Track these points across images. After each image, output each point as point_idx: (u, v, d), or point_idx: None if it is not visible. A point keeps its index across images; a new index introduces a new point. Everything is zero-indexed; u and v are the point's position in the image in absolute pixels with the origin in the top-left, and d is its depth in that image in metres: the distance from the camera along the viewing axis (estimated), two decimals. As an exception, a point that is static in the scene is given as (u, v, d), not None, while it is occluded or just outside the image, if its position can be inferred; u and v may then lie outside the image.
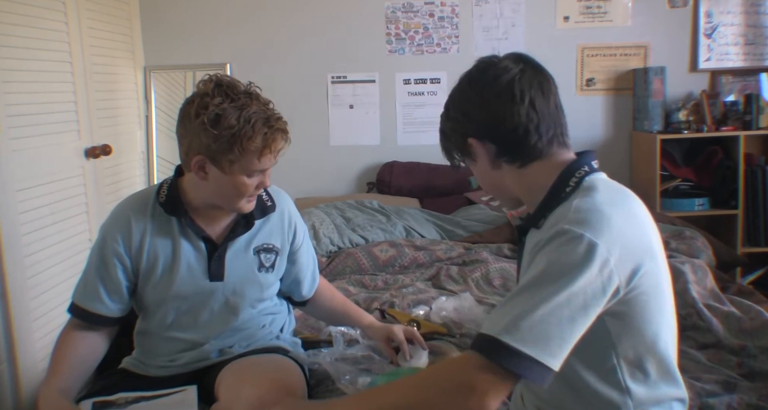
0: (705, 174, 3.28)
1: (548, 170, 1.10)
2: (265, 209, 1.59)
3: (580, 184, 1.07)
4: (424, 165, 3.44)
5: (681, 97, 3.40)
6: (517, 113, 1.09)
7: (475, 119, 1.12)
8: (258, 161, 1.39)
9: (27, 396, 2.11)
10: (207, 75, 1.43)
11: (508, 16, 3.45)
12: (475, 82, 1.14)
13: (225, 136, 1.35)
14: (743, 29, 3.39)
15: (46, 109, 2.36)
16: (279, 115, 1.43)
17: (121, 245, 1.50)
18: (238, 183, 1.42)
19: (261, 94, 1.44)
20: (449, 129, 1.18)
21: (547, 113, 1.10)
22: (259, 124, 1.36)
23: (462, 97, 1.15)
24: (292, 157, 3.51)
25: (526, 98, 1.09)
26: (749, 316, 1.90)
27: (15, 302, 2.05)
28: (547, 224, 1.05)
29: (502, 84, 1.10)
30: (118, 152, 2.88)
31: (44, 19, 2.37)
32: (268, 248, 1.58)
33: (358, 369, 1.62)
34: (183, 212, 1.50)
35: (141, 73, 3.35)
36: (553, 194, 1.08)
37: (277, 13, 3.47)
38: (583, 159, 1.11)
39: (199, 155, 1.40)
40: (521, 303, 0.95)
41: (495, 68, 1.13)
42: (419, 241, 2.81)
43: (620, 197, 1.07)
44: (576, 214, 0.99)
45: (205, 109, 1.36)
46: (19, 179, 2.13)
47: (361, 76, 3.52)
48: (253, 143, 1.36)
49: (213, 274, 1.53)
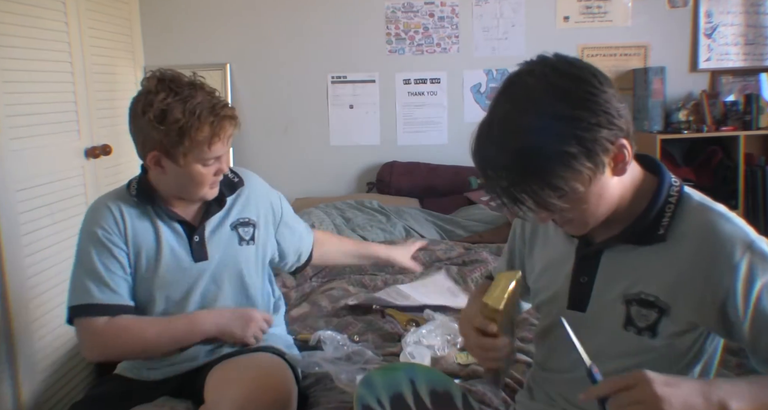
0: (705, 174, 3.28)
1: (637, 181, 1.06)
2: (233, 185, 1.61)
3: (684, 195, 1.05)
4: (424, 165, 3.44)
5: (681, 97, 3.40)
6: (626, 112, 1.00)
7: (616, 118, 0.96)
8: (209, 149, 1.42)
9: (27, 396, 2.11)
10: (150, 71, 1.46)
11: (508, 16, 3.45)
12: (601, 78, 0.99)
13: (173, 130, 1.38)
14: (743, 29, 3.39)
15: (46, 109, 2.36)
16: (225, 102, 1.44)
17: (112, 232, 1.49)
18: (195, 173, 1.44)
19: (206, 83, 1.46)
20: (595, 134, 0.94)
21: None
22: (205, 113, 1.39)
23: (592, 97, 0.96)
24: (292, 157, 3.57)
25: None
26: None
27: (15, 303, 2.05)
28: (708, 246, 1.00)
29: (607, 81, 0.99)
30: (118, 152, 2.88)
31: (44, 19, 2.37)
32: (245, 222, 1.60)
33: (355, 368, 1.62)
34: (157, 200, 1.53)
35: (141, 73, 3.35)
36: (658, 211, 1.04)
37: (277, 13, 3.47)
38: (664, 167, 1.09)
39: (153, 151, 1.43)
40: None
41: (590, 67, 1.02)
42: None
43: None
44: (740, 223, 1.02)
45: (150, 106, 1.39)
46: (19, 179, 2.13)
47: (361, 76, 3.52)
48: (201, 133, 1.39)
49: (196, 256, 1.54)
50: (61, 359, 2.33)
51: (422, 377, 1.35)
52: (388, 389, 1.30)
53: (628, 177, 1.03)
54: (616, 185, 1.02)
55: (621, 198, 1.04)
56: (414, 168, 3.43)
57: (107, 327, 1.46)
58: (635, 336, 1.04)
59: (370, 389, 1.30)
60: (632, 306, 1.05)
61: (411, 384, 1.32)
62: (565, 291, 1.14)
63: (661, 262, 1.03)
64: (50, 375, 2.25)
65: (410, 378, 1.34)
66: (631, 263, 1.06)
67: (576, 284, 1.13)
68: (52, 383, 2.25)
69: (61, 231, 2.36)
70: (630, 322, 1.05)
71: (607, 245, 1.08)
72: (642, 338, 1.04)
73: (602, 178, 0.98)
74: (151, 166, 1.46)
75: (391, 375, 1.34)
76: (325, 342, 1.73)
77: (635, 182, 1.05)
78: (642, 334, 1.04)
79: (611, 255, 1.09)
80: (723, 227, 1.00)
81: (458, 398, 1.33)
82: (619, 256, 1.07)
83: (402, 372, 1.36)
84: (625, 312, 1.05)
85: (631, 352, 1.05)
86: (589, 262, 1.11)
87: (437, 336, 1.79)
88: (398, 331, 1.98)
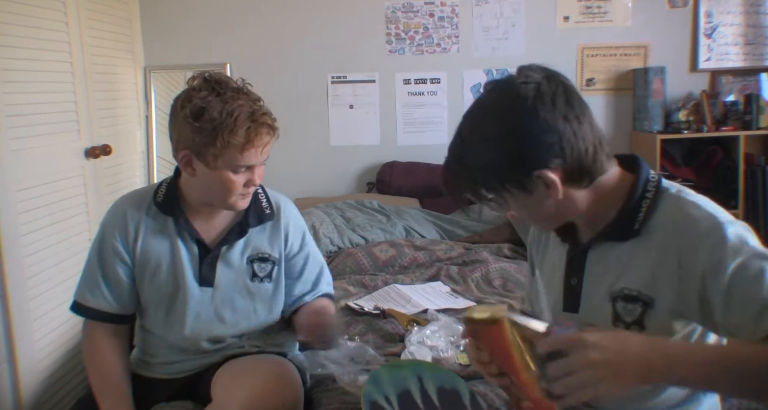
0: (705, 174, 3.28)
1: (612, 183, 1.07)
2: (263, 217, 1.55)
3: (662, 189, 1.06)
4: (424, 165, 3.44)
5: (681, 97, 3.40)
6: (585, 134, 1.02)
7: (543, 148, 1.00)
8: (241, 155, 1.36)
9: (27, 395, 2.11)
10: (198, 71, 1.41)
11: (508, 16, 3.45)
12: (532, 108, 1.00)
13: (207, 128, 1.33)
14: (743, 29, 3.39)
15: (46, 109, 2.35)
16: (266, 111, 1.39)
17: (119, 241, 1.49)
18: (224, 179, 1.39)
19: (252, 91, 1.41)
20: (497, 164, 1.02)
21: (596, 124, 1.06)
22: (243, 117, 1.34)
23: (519, 126, 1.00)
24: (292, 157, 3.56)
25: (586, 114, 1.03)
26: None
27: (15, 302, 2.05)
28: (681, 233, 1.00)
29: (562, 106, 1.00)
30: (118, 152, 2.88)
31: (44, 19, 2.37)
32: (263, 258, 1.54)
33: (358, 369, 1.62)
34: (179, 212, 1.49)
35: (141, 73, 3.35)
36: (633, 206, 1.05)
37: (277, 13, 3.47)
38: (645, 165, 1.10)
39: (185, 149, 1.38)
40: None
41: (543, 89, 1.01)
42: (419, 241, 2.82)
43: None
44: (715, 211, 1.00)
45: (189, 102, 1.35)
46: (19, 179, 2.13)
47: (361, 76, 3.52)
48: (235, 137, 1.33)
49: (203, 279, 1.50)
50: (61, 359, 2.33)
51: (430, 374, 1.36)
52: (396, 386, 1.31)
53: (607, 181, 1.06)
54: (570, 196, 1.05)
55: (594, 202, 1.07)
56: (414, 168, 3.43)
57: (87, 340, 1.53)
58: (625, 330, 1.05)
59: (377, 386, 1.30)
60: (618, 303, 1.06)
61: (419, 381, 1.33)
62: (561, 294, 1.16)
63: (639, 256, 1.04)
64: (50, 375, 2.25)
65: (418, 375, 1.35)
66: (613, 261, 1.08)
67: (568, 287, 1.14)
68: (52, 383, 2.25)
69: (61, 231, 2.36)
70: (618, 318, 1.06)
71: (590, 245, 1.10)
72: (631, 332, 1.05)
73: (530, 197, 1.04)
74: (181, 165, 1.42)
75: (399, 372, 1.35)
76: None
77: (611, 184, 1.07)
78: (631, 329, 1.04)
79: (596, 255, 1.10)
80: (692, 212, 1.01)
81: (466, 396, 1.33)
82: (602, 255, 1.09)
83: (410, 370, 1.37)
84: (612, 309, 1.07)
85: None
86: (578, 263, 1.13)
87: (440, 338, 1.78)
88: (399, 331, 1.98)
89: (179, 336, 1.53)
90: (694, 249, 0.98)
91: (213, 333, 1.53)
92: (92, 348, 1.52)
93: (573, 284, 1.13)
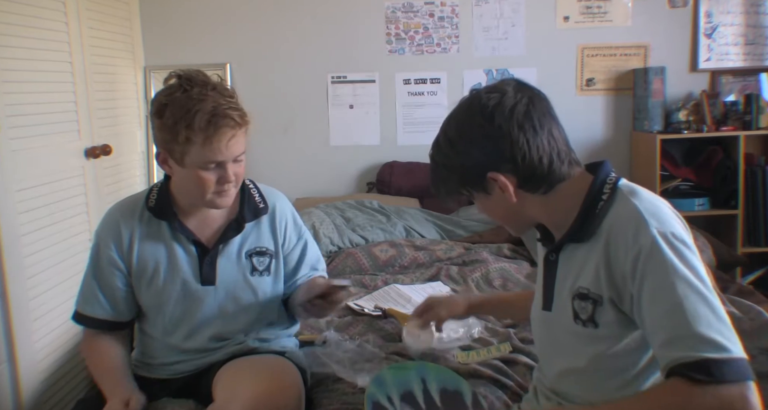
0: (705, 174, 3.28)
1: (573, 189, 1.10)
2: (257, 212, 1.56)
3: (617, 189, 1.08)
4: (424, 165, 3.44)
5: (681, 98, 3.40)
6: (540, 144, 1.08)
7: (495, 153, 1.08)
8: (203, 150, 1.35)
9: (27, 395, 2.11)
10: (175, 71, 1.42)
11: (508, 16, 3.45)
12: (489, 115, 1.08)
13: (168, 125, 1.34)
14: (743, 29, 3.39)
15: (46, 109, 2.36)
16: (234, 105, 1.37)
17: (114, 250, 1.50)
18: (195, 177, 1.39)
19: (227, 88, 1.40)
20: (459, 164, 1.12)
21: (560, 136, 1.11)
22: (202, 113, 1.32)
23: (475, 131, 1.09)
24: (292, 157, 3.56)
25: (545, 127, 1.09)
26: (749, 316, 1.90)
27: (15, 302, 2.05)
28: (615, 235, 1.03)
29: (520, 116, 1.07)
30: (118, 152, 2.88)
31: (44, 19, 2.37)
32: (261, 252, 1.56)
33: (359, 368, 1.62)
34: (172, 215, 1.50)
35: (141, 73, 3.35)
36: (589, 208, 1.08)
37: (277, 13, 3.47)
38: (606, 167, 1.12)
39: (159, 148, 1.41)
40: (690, 314, 0.94)
41: (505, 99, 1.08)
42: (419, 241, 2.81)
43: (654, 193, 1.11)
44: (652, 217, 1.01)
45: (155, 99, 1.38)
46: (19, 179, 2.13)
47: (361, 76, 3.52)
48: (193, 132, 1.33)
49: (205, 278, 1.51)
50: (61, 359, 2.33)
51: (433, 376, 1.37)
52: (399, 387, 1.32)
53: (568, 186, 1.10)
54: (526, 201, 1.11)
55: (555, 206, 1.11)
56: (414, 168, 3.43)
57: (85, 341, 1.56)
58: (582, 328, 1.09)
59: (380, 387, 1.31)
60: (575, 301, 1.10)
61: (422, 382, 1.34)
62: (541, 293, 1.20)
63: (592, 255, 1.07)
64: (50, 375, 2.25)
65: (421, 377, 1.36)
66: (575, 261, 1.11)
67: (545, 286, 1.19)
68: (52, 383, 2.25)
69: (61, 231, 2.36)
70: (576, 316, 1.10)
71: (559, 247, 1.14)
72: (588, 329, 1.08)
73: (490, 198, 1.13)
74: (160, 165, 1.44)
75: (402, 373, 1.36)
76: (330, 344, 1.72)
77: (572, 189, 1.10)
78: (587, 326, 1.08)
79: (564, 256, 1.14)
80: (627, 213, 1.03)
81: (468, 397, 1.34)
82: (569, 255, 1.13)
83: (413, 371, 1.38)
84: (571, 307, 1.11)
85: (586, 343, 1.09)
86: (551, 264, 1.17)
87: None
88: (399, 331, 1.97)
89: (183, 336, 1.54)
90: (620, 250, 1.01)
91: (216, 330, 1.55)
92: (90, 347, 1.55)
93: (548, 284, 1.18)
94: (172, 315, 1.53)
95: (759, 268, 3.22)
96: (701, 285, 0.95)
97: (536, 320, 1.23)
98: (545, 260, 1.19)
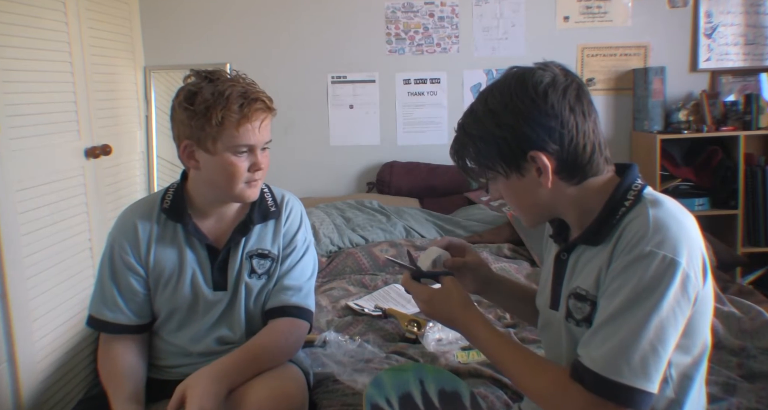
0: (705, 174, 3.28)
1: (600, 187, 1.08)
2: (268, 215, 1.56)
3: (641, 197, 1.04)
4: (424, 165, 3.44)
5: (681, 98, 3.40)
6: (587, 130, 1.04)
7: (544, 131, 1.02)
8: (237, 132, 1.37)
9: (27, 395, 2.11)
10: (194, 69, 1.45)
11: (508, 16, 3.45)
12: (543, 92, 1.02)
13: (200, 110, 1.36)
14: (743, 29, 3.39)
15: (46, 109, 2.35)
16: (262, 91, 1.42)
17: (131, 253, 1.49)
18: (227, 163, 1.40)
19: (250, 81, 1.44)
20: (500, 137, 1.04)
21: (600, 129, 1.08)
22: (234, 95, 1.36)
23: (527, 105, 1.03)
24: (292, 157, 3.56)
25: (592, 114, 1.06)
26: (749, 316, 1.90)
27: (15, 302, 2.05)
28: (622, 241, 1.01)
29: (572, 99, 1.03)
30: (118, 152, 2.88)
31: (44, 19, 2.36)
32: (263, 254, 1.54)
33: (353, 369, 1.62)
34: (187, 217, 1.49)
35: (141, 73, 3.35)
36: (610, 210, 1.05)
37: (277, 13, 3.47)
38: (634, 172, 1.09)
39: (185, 140, 1.40)
40: (623, 333, 0.95)
41: (558, 79, 1.04)
42: (419, 241, 2.81)
43: (681, 206, 1.07)
44: (657, 232, 0.97)
45: (182, 89, 1.40)
46: (19, 179, 2.13)
47: (361, 76, 3.52)
48: (229, 113, 1.35)
49: (216, 284, 1.51)
50: (61, 359, 2.32)
51: (431, 377, 1.37)
52: (397, 389, 1.32)
53: (597, 183, 1.07)
54: (558, 189, 1.07)
55: (580, 201, 1.08)
56: (414, 168, 3.43)
57: (104, 345, 1.53)
58: (576, 327, 1.08)
59: (379, 389, 1.31)
60: (570, 300, 1.09)
61: (420, 383, 1.34)
62: (549, 291, 1.19)
63: (597, 260, 1.06)
64: (50, 375, 2.25)
65: (419, 378, 1.35)
66: (583, 263, 1.10)
67: (553, 285, 1.18)
68: (52, 383, 2.25)
69: (61, 231, 2.36)
70: (569, 315, 1.08)
71: (571, 247, 1.12)
72: (581, 329, 1.07)
73: (522, 180, 1.07)
74: (184, 159, 1.43)
75: (401, 375, 1.36)
76: (330, 344, 1.73)
77: (599, 187, 1.08)
78: (580, 325, 1.07)
79: (575, 256, 1.12)
80: (639, 227, 1.00)
81: (466, 397, 1.34)
82: (578, 257, 1.11)
83: (411, 373, 1.38)
84: (566, 305, 1.10)
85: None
86: (561, 263, 1.15)
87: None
88: (399, 331, 1.98)
89: (189, 339, 1.54)
90: (621, 254, 1.00)
91: (222, 333, 1.54)
92: (107, 355, 1.51)
93: (557, 283, 1.16)
94: (181, 317, 1.53)
95: (759, 268, 3.22)
96: (658, 321, 0.95)
97: (543, 318, 1.22)
98: (556, 258, 1.17)
